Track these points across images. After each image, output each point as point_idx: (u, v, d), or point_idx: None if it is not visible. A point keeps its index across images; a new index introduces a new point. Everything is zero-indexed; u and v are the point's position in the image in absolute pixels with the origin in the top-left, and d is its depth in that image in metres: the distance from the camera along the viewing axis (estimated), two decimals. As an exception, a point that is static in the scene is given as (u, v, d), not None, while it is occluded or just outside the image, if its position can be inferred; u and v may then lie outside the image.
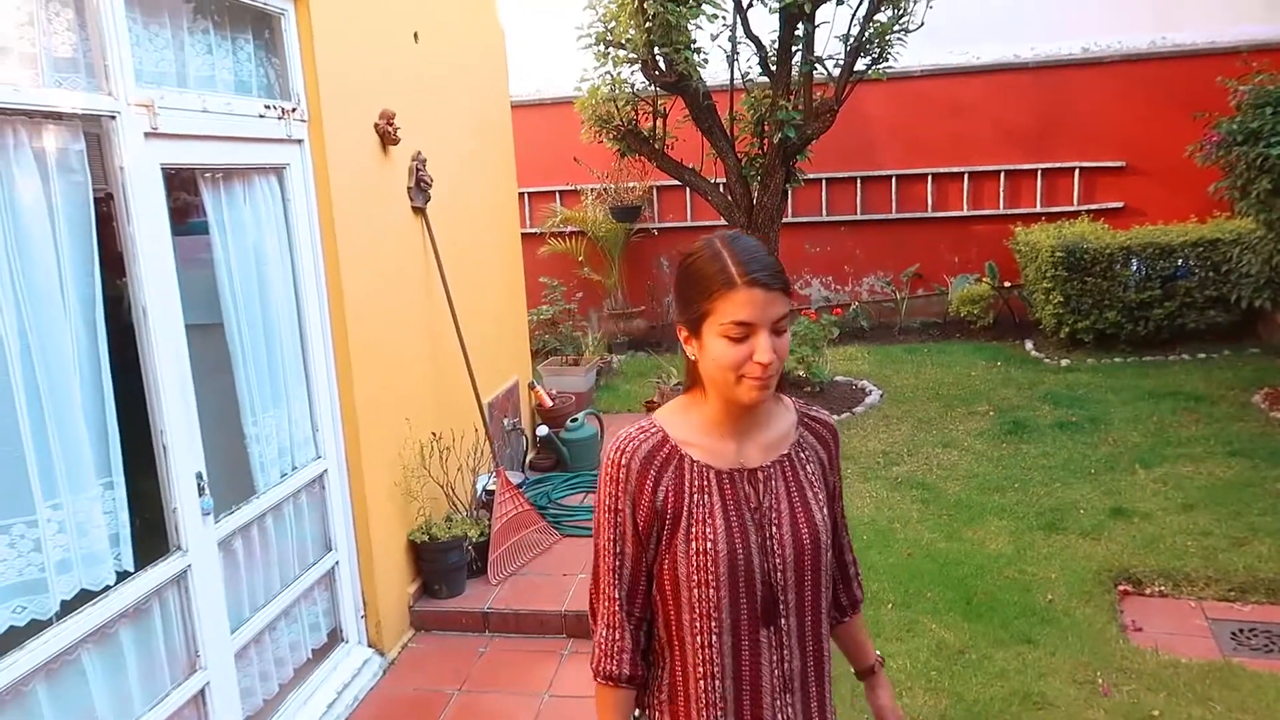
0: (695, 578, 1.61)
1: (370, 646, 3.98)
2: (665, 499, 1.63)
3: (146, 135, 2.78)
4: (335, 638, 3.88)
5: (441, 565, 4.28)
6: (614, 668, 1.69)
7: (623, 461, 1.65)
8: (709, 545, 1.61)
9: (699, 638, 1.63)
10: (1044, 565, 4.43)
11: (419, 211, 4.57)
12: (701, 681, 1.64)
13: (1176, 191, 8.34)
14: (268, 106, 3.42)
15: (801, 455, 1.72)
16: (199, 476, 2.93)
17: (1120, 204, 8.86)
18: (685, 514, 1.63)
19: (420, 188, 4.52)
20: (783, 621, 1.64)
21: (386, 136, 4.17)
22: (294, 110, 3.57)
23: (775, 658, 1.63)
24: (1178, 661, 3.62)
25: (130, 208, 2.73)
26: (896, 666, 3.68)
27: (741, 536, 1.62)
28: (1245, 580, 4.20)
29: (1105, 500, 5.09)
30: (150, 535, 2.83)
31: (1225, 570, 4.27)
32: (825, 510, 1.70)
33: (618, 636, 1.69)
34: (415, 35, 4.59)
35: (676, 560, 1.62)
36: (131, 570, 2.69)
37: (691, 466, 1.64)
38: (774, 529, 1.64)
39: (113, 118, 2.66)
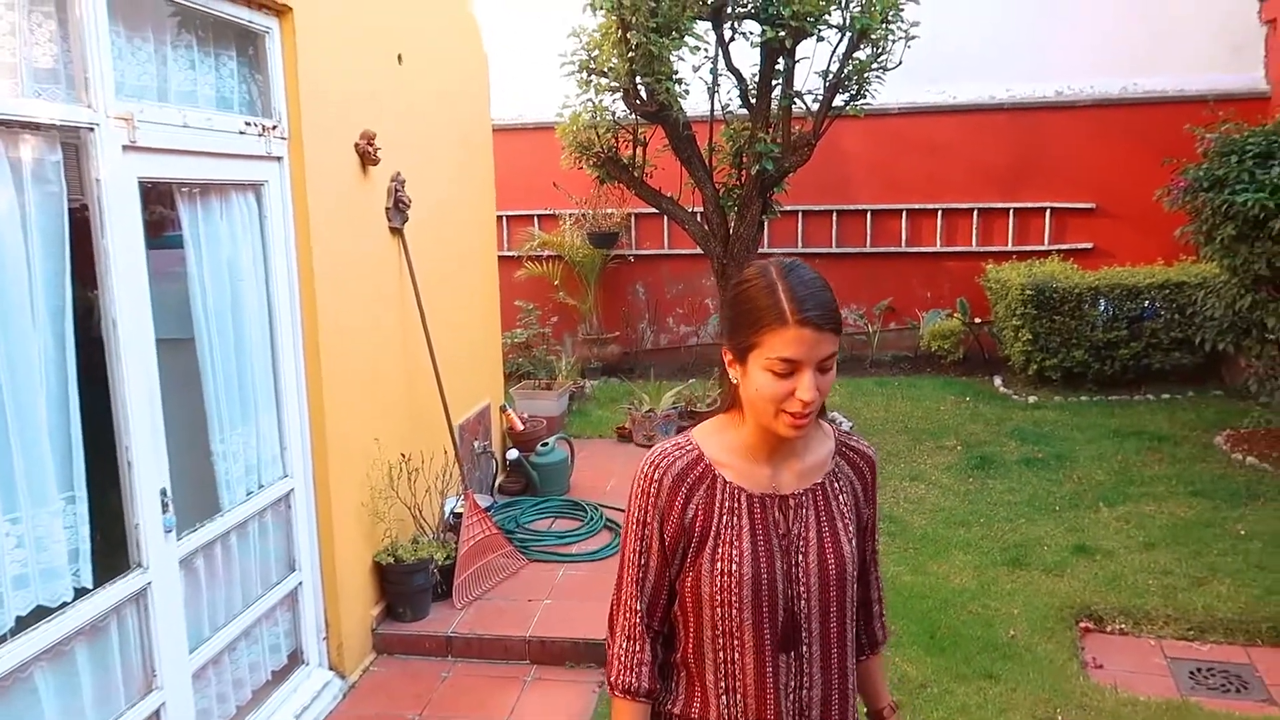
0: (719, 597, 1.62)
1: (331, 669, 3.94)
2: (695, 517, 1.65)
3: (125, 148, 2.78)
4: (296, 659, 3.84)
5: (406, 588, 4.25)
6: (633, 681, 1.69)
7: (655, 476, 1.66)
8: (733, 567, 1.61)
9: (721, 654, 1.64)
10: (1007, 601, 4.47)
11: (397, 232, 4.57)
12: (724, 696, 1.65)
13: (1144, 234, 8.50)
14: (248, 123, 3.43)
15: (836, 485, 1.71)
16: (163, 493, 2.91)
17: (1090, 245, 9.01)
18: (713, 534, 1.63)
19: (399, 208, 4.53)
20: (804, 649, 1.65)
21: (367, 157, 4.18)
22: (275, 128, 3.57)
23: (794, 684, 1.64)
24: (1136, 699, 3.66)
25: (105, 220, 2.72)
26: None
27: (767, 561, 1.63)
28: (1204, 620, 4.26)
29: (1069, 537, 5.14)
30: (111, 551, 2.80)
31: (1185, 609, 4.33)
32: (854, 542, 1.71)
33: (638, 649, 1.69)
34: (399, 58, 4.61)
35: (700, 578, 1.64)
36: (90, 587, 2.65)
37: (724, 487, 1.65)
38: (800, 557, 1.65)
39: (91, 129, 2.66)
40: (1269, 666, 3.97)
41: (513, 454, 5.93)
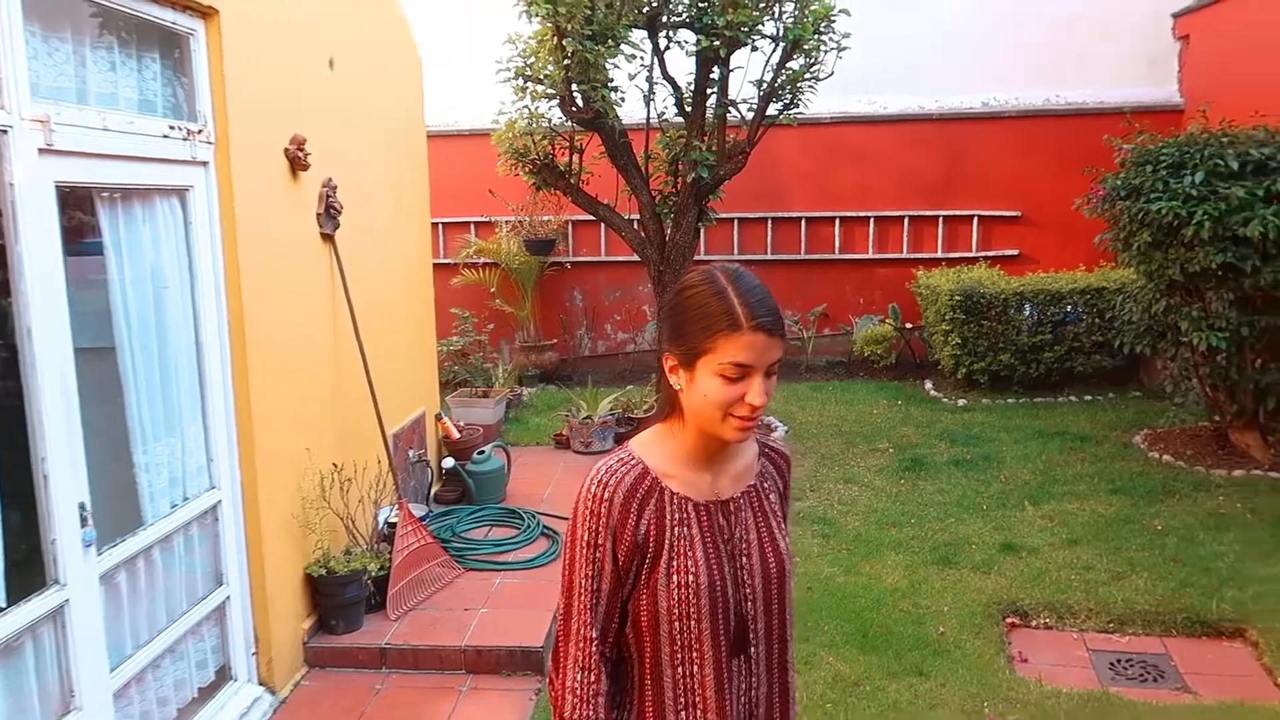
0: (677, 610, 1.60)
1: (261, 685, 3.86)
2: (647, 532, 1.61)
3: (40, 151, 2.70)
4: (224, 675, 3.75)
5: (339, 600, 4.18)
6: (590, 712, 1.61)
7: (605, 495, 1.60)
8: (690, 578, 1.61)
9: (680, 669, 1.62)
10: (937, 599, 4.57)
11: (328, 239, 4.51)
12: (683, 712, 1.63)
13: (1067, 241, 8.78)
14: (173, 127, 3.36)
15: (765, 485, 1.75)
16: (82, 507, 2.82)
17: (1015, 252, 9.26)
18: (667, 546, 1.62)
19: (330, 215, 4.47)
20: (753, 650, 1.67)
21: (297, 162, 4.12)
22: (200, 132, 3.50)
23: (744, 686, 1.66)
24: (1059, 691, 3.77)
25: (19, 225, 2.64)
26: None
27: (719, 568, 1.64)
28: (1123, 612, 4.40)
29: (996, 536, 5.28)
30: (26, 568, 2.71)
31: (1105, 603, 4.47)
32: (787, 539, 1.74)
33: (593, 679, 1.61)
34: (330, 62, 4.56)
35: (656, 594, 1.60)
36: (3, 605, 2.56)
37: (672, 498, 1.64)
38: (744, 559, 1.67)
39: (4, 132, 2.58)
40: (1183, 656, 4.13)
41: (449, 462, 5.88)
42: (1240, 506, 5.48)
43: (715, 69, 6.73)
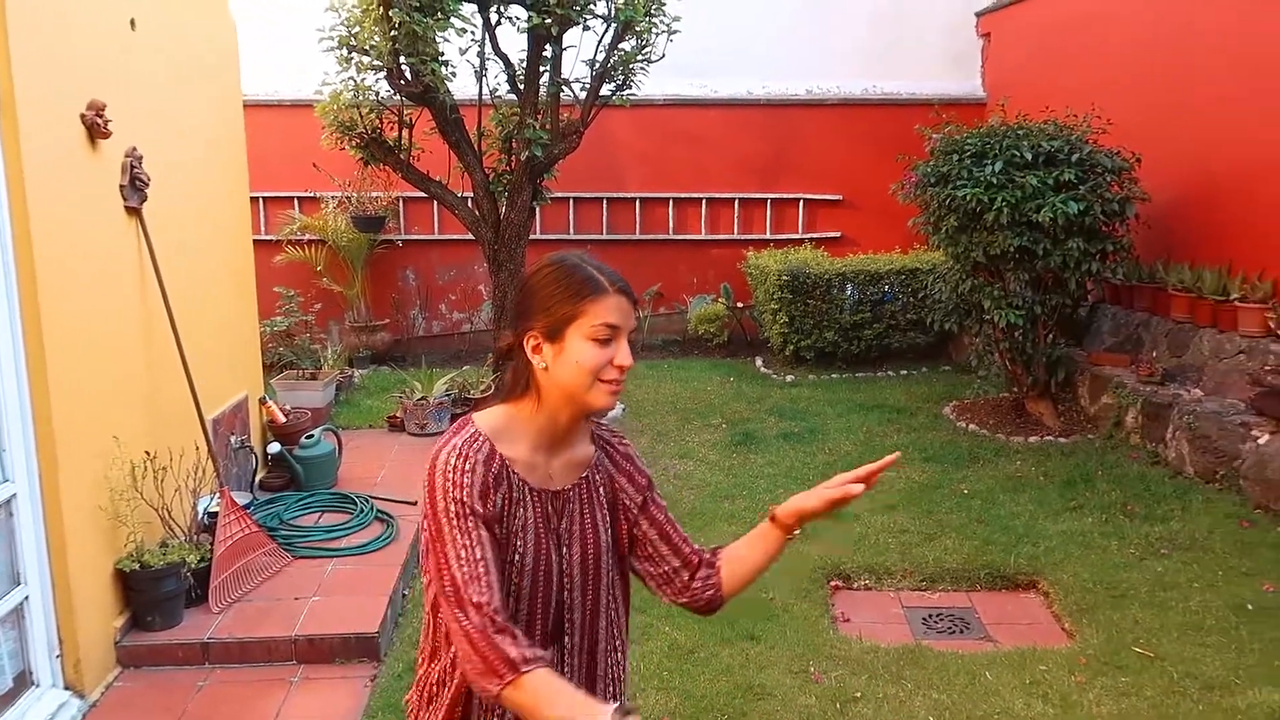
0: (508, 587, 1.62)
1: (67, 689, 3.60)
2: (501, 507, 1.62)
3: None
4: (24, 681, 3.48)
5: (154, 594, 3.95)
6: (530, 652, 1.51)
7: (466, 466, 1.59)
8: (517, 557, 1.63)
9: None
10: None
11: (134, 212, 4.21)
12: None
13: (884, 225, 9.25)
14: (-54, 86, 3.04)
15: (597, 477, 1.78)
16: None
17: (838, 234, 9.70)
18: (505, 526, 1.63)
19: (135, 186, 4.18)
20: (567, 640, 1.71)
21: (95, 129, 3.82)
22: (-20, 92, 3.19)
23: (558, 672, 1.64)
24: (878, 647, 4.02)
25: None
26: (631, 669, 3.81)
27: (545, 554, 1.67)
28: (934, 571, 4.73)
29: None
30: None
31: (918, 563, 4.79)
32: (611, 531, 1.77)
33: (509, 640, 1.51)
34: (132, 22, 4.24)
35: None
36: None
37: (513, 479, 1.65)
38: (566, 549, 1.70)
39: None
40: (986, 608, 4.49)
41: (274, 448, 5.64)
42: (1034, 470, 5.97)
43: (548, 47, 6.69)
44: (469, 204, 7.09)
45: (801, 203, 9.71)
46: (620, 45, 6.80)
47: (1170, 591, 4.37)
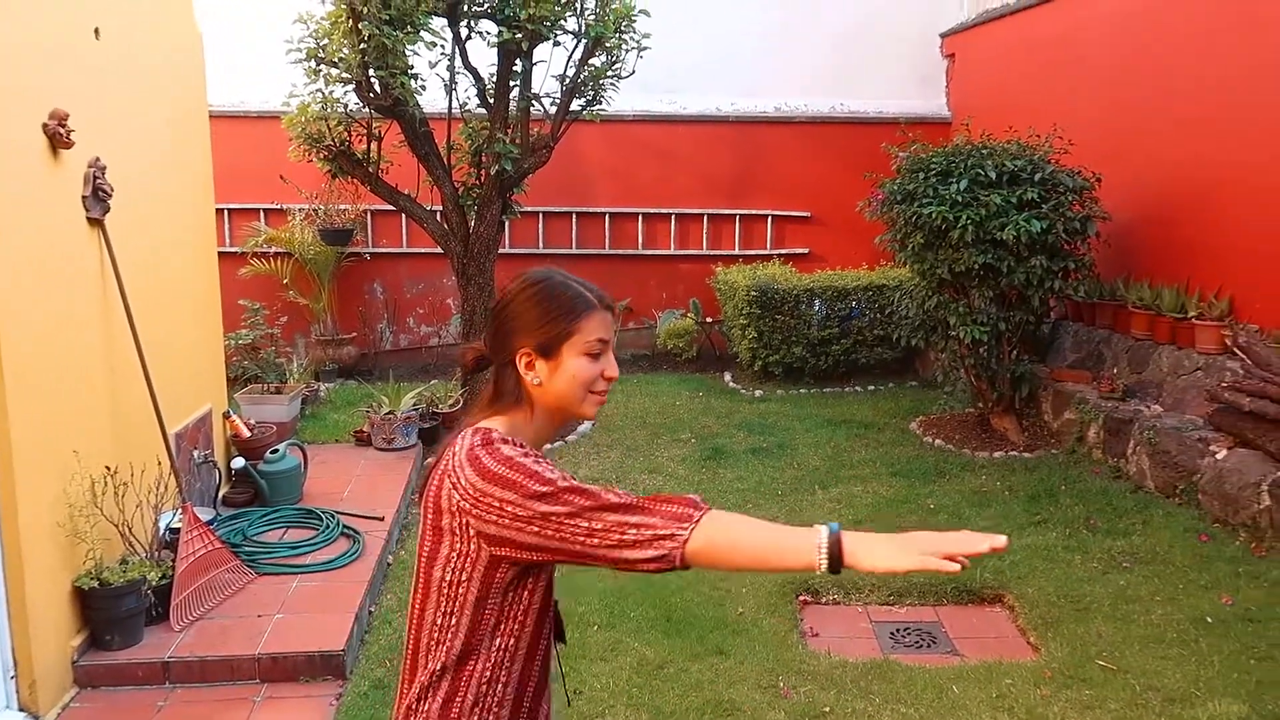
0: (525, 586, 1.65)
1: (22, 710, 3.52)
2: None
3: None
4: (-23, 704, 3.39)
5: (114, 613, 3.87)
6: (698, 508, 1.51)
7: (518, 443, 1.61)
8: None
9: (504, 646, 1.65)
10: (736, 581, 4.77)
11: (96, 223, 4.15)
12: (500, 686, 1.64)
13: (851, 241, 9.34)
14: (-96, 93, 2.99)
15: None
16: None
17: (806, 250, 9.78)
18: None
19: (98, 197, 4.12)
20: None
21: (57, 139, 3.76)
22: (-61, 100, 3.14)
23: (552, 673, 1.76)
24: (846, 661, 4.03)
25: None
26: (600, 686, 3.80)
27: None
28: (901, 586, 4.76)
29: (790, 519, 5.56)
30: None
31: (885, 578, 4.82)
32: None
33: (666, 500, 1.51)
34: (96, 31, 4.19)
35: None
36: None
37: None
38: None
39: None
40: (952, 622, 4.52)
41: (238, 462, 5.55)
42: (999, 485, 6.04)
43: (518, 61, 6.71)
44: (438, 217, 7.07)
45: (770, 219, 9.78)
46: (590, 61, 6.83)
47: (1132, 605, 4.43)
